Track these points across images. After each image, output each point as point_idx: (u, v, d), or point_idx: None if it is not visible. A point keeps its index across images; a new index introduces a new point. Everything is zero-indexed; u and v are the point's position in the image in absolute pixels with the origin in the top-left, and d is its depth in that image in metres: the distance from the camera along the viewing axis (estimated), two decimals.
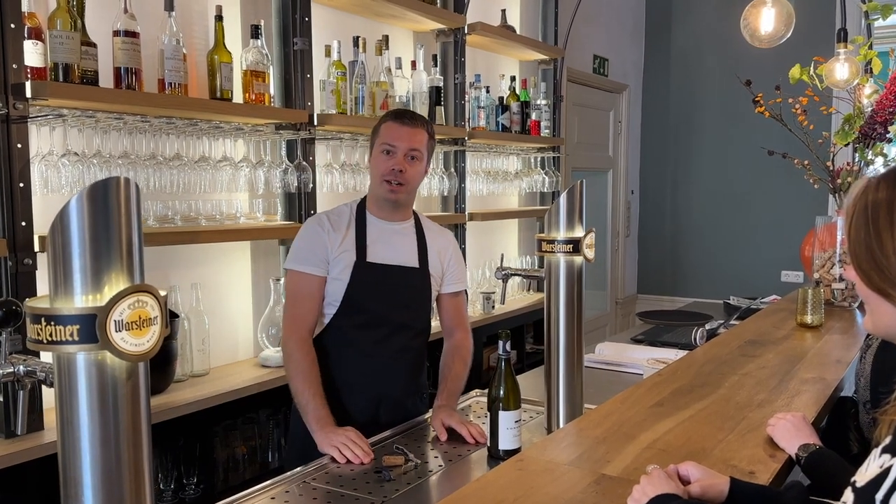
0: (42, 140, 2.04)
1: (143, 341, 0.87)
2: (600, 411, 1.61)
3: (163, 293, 0.90)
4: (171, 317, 2.35)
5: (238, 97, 2.46)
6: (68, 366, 0.86)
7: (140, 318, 0.86)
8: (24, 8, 1.95)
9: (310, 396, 1.88)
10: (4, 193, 1.89)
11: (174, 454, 2.34)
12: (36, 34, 1.97)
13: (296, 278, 2.00)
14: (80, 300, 0.84)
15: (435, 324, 2.23)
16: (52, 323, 0.82)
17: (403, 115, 2.05)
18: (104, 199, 0.86)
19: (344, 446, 1.73)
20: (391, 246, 2.05)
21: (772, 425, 1.42)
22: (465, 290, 2.24)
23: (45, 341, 0.83)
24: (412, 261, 2.07)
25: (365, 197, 2.11)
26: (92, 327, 0.83)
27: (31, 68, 1.95)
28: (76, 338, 0.83)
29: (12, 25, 1.87)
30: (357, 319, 2.00)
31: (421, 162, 2.03)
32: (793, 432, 1.36)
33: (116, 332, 0.84)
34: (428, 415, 2.03)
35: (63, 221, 0.84)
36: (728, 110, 5.48)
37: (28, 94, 1.89)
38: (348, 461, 1.71)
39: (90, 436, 0.87)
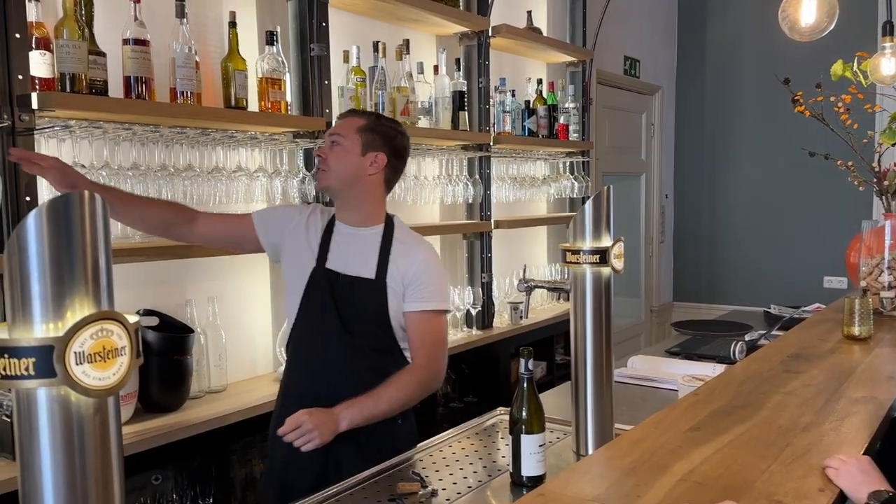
0: (50, 152, 1.99)
1: (109, 374, 0.78)
2: (630, 437, 1.49)
3: (133, 319, 0.82)
4: (185, 332, 2.30)
5: (253, 105, 2.39)
6: (27, 402, 0.77)
7: (104, 348, 0.77)
8: (32, 17, 1.91)
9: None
10: (10, 208, 1.84)
11: (190, 474, 2.27)
12: (44, 44, 1.93)
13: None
14: (40, 329, 0.75)
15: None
16: (6, 355, 0.74)
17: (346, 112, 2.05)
18: (66, 216, 0.77)
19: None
20: (349, 253, 1.92)
21: (834, 469, 1.27)
22: (445, 312, 1.97)
23: None
24: (368, 271, 1.90)
25: None
26: (49, 360, 0.74)
27: (40, 79, 1.91)
28: (32, 372, 0.74)
29: (17, 35, 1.82)
30: (312, 328, 1.90)
31: (343, 147, 1.90)
32: (860, 478, 1.22)
33: (77, 364, 0.75)
34: (434, 440, 1.92)
35: (20, 241, 0.75)
36: (766, 110, 5.30)
37: (34, 105, 1.84)
38: None
39: (53, 479, 0.78)
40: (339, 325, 1.88)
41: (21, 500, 0.79)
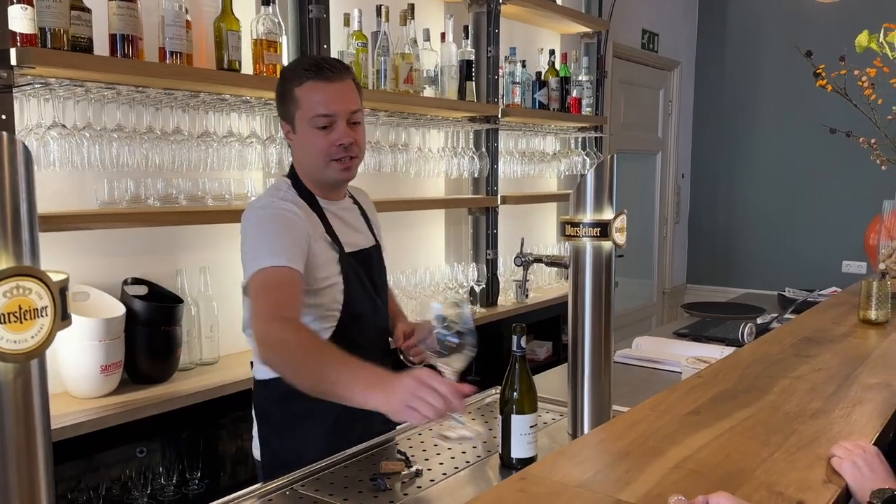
0: (31, 112, 1.92)
1: (27, 337, 0.70)
2: (626, 419, 1.40)
3: (58, 277, 0.74)
4: (175, 301, 2.23)
5: (247, 68, 2.30)
6: None
7: (21, 308, 0.69)
8: None
9: (329, 363, 1.33)
10: None
11: (177, 447, 2.22)
12: None
13: (273, 272, 1.49)
14: None
15: None
16: None
17: (322, 68, 1.57)
18: None
19: (416, 399, 1.19)
20: (349, 228, 1.72)
21: (839, 458, 1.17)
22: None
23: None
24: (368, 239, 1.76)
25: (291, 175, 1.70)
26: None
27: (21, 35, 1.82)
28: None
29: None
30: (356, 332, 1.64)
31: (362, 125, 1.66)
32: (866, 473, 1.10)
33: None
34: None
35: None
36: (788, 87, 5.13)
37: (13, 61, 1.76)
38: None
39: None
40: (375, 312, 1.72)
41: None
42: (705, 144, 5.60)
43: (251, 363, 1.79)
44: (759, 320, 2.76)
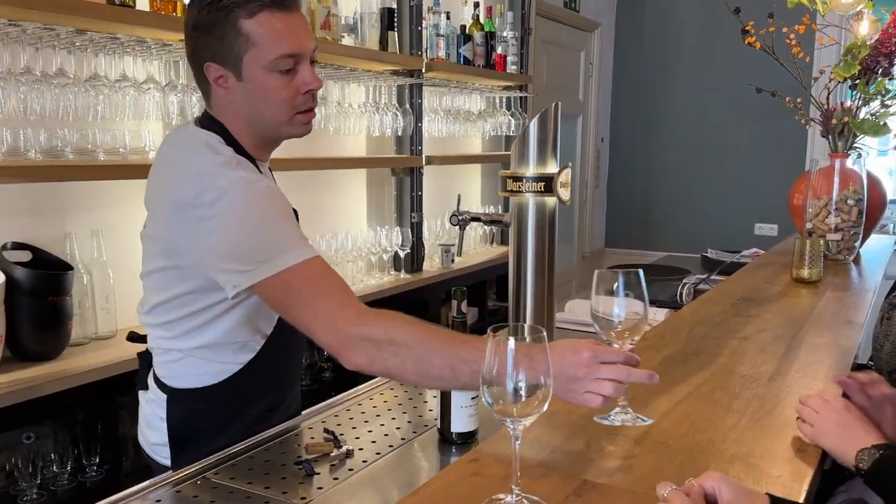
0: None
1: None
2: None
3: None
4: (63, 269, 1.98)
5: (143, 4, 2.04)
6: None
7: None
8: None
9: (460, 344, 1.10)
10: None
11: (72, 431, 1.99)
12: None
13: (314, 263, 1.20)
14: None
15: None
16: None
17: None
18: None
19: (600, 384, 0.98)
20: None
21: (810, 426, 1.05)
22: None
23: None
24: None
25: (209, 126, 1.31)
26: None
27: None
28: None
29: None
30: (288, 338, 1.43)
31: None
32: (840, 434, 0.99)
33: None
34: (351, 393, 1.65)
35: None
36: (706, 51, 5.16)
37: None
38: None
39: None
40: None
41: None
42: (624, 108, 5.59)
43: (149, 364, 1.53)
44: (685, 281, 2.73)
